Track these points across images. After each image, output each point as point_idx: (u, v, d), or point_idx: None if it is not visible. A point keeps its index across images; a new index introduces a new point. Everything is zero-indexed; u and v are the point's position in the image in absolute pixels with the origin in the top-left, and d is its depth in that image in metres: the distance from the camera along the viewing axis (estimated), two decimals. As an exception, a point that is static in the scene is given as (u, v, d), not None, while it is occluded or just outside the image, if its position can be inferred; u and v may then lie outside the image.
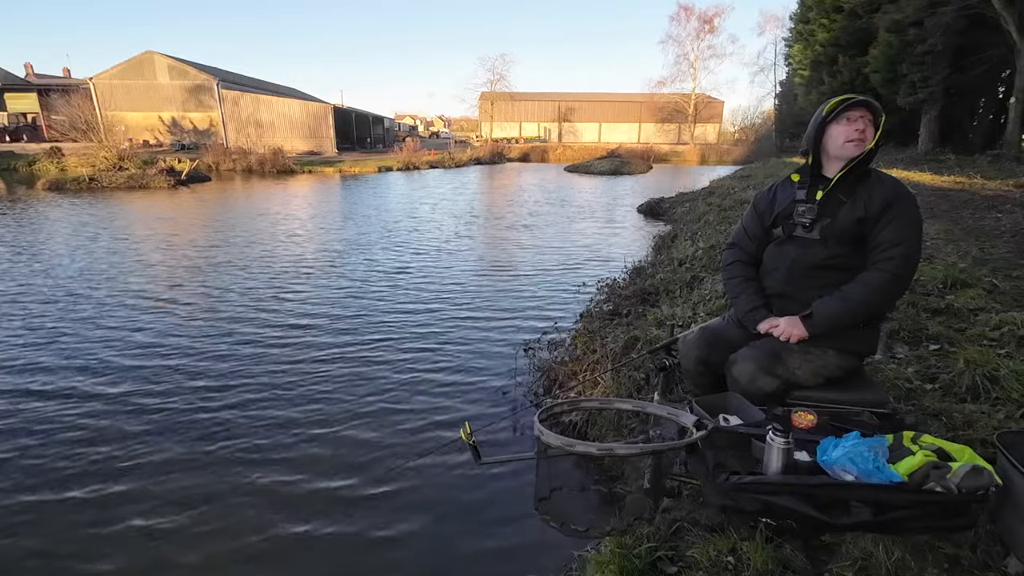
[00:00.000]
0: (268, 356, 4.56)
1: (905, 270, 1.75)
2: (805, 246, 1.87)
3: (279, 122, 33.65)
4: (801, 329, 1.83)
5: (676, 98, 48.70)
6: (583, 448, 1.50)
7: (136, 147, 27.47)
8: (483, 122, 52.97)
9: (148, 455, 3.17)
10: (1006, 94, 16.80)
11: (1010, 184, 9.05)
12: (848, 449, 1.38)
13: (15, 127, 32.75)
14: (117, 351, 4.62)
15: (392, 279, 7.13)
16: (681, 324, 3.27)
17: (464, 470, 2.98)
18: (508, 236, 10.43)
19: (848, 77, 19.28)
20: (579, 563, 2.03)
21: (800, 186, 1.92)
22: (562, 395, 3.47)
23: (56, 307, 5.76)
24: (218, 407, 3.70)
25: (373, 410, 3.70)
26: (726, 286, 2.14)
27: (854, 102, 1.79)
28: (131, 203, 14.72)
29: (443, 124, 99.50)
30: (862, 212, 1.77)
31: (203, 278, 7.03)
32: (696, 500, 1.98)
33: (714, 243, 6.07)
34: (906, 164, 13.73)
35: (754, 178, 14.88)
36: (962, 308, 3.32)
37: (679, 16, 48.19)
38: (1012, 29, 12.59)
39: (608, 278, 5.74)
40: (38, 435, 3.34)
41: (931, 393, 2.41)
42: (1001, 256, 4.77)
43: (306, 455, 3.18)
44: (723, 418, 1.64)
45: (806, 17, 22.16)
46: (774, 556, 1.60)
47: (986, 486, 1.28)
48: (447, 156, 33.44)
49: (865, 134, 1.78)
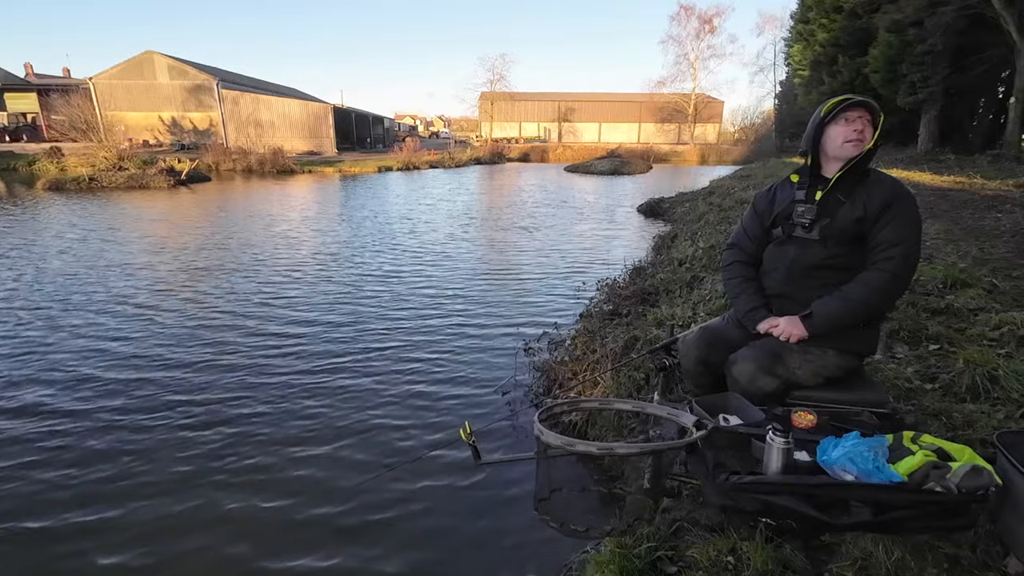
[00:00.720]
0: (267, 356, 4.55)
1: (905, 270, 1.75)
2: (804, 246, 1.88)
3: (279, 122, 33.65)
4: (801, 329, 1.83)
5: (676, 98, 48.72)
6: (583, 448, 1.50)
7: (136, 147, 27.49)
8: (483, 122, 52.97)
9: (136, 472, 3.08)
10: (1006, 94, 16.80)
11: (1010, 184, 9.05)
12: (848, 449, 1.38)
13: (15, 127, 32.75)
14: (95, 363, 4.36)
15: (392, 280, 7.12)
16: (681, 324, 3.27)
17: (464, 470, 2.98)
18: (508, 236, 10.42)
19: (848, 77, 19.28)
20: (579, 563, 2.04)
21: (799, 187, 1.92)
22: (562, 395, 3.47)
23: (37, 313, 5.54)
24: (219, 400, 3.70)
25: (373, 410, 3.69)
26: (726, 286, 2.14)
27: (852, 102, 1.79)
28: (130, 203, 14.71)
29: (443, 124, 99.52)
30: (861, 212, 1.77)
31: (194, 283, 6.98)
32: (696, 500, 1.98)
33: (714, 243, 6.07)
34: (906, 164, 13.73)
35: (754, 178, 14.88)
36: (962, 308, 3.32)
37: (679, 16, 48.42)
38: (1012, 29, 12.60)
39: (608, 278, 5.74)
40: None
41: (931, 393, 2.41)
42: (1001, 256, 4.77)
43: (305, 455, 3.18)
44: (723, 418, 1.64)
45: (806, 17, 22.18)
46: (774, 556, 1.60)
47: (986, 486, 1.28)
48: (447, 156, 33.42)
49: (864, 134, 1.78)
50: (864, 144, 1.78)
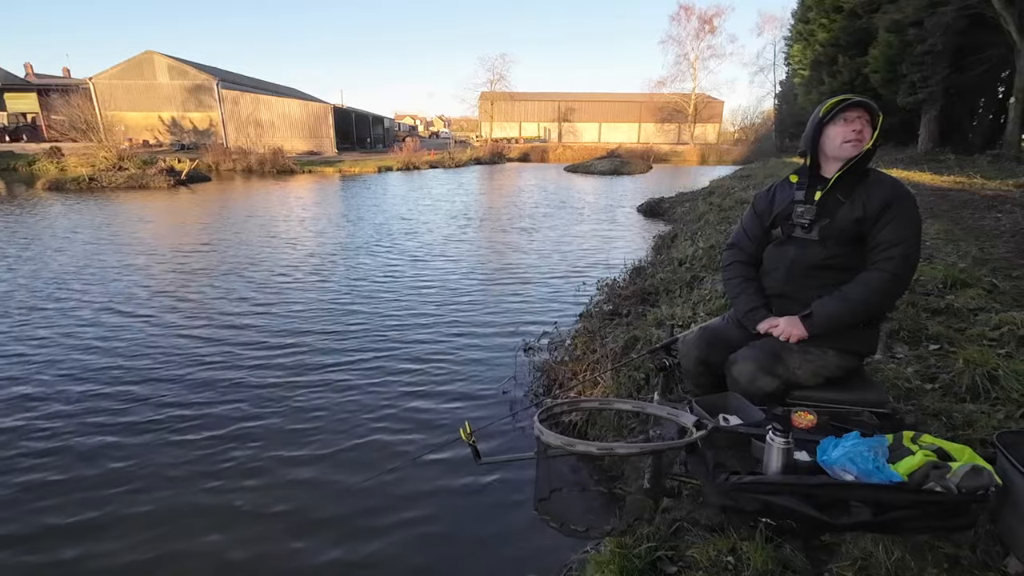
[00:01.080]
0: (266, 357, 4.55)
1: (904, 270, 1.75)
2: (804, 246, 1.88)
3: (279, 122, 33.65)
4: (801, 329, 1.83)
5: (676, 98, 48.72)
6: (583, 447, 1.50)
7: (136, 147, 27.49)
8: (483, 122, 52.97)
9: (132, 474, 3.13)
10: (1006, 94, 16.80)
11: (1010, 184, 9.05)
12: (848, 449, 1.38)
13: (15, 127, 32.76)
14: (93, 363, 4.34)
15: (391, 281, 7.12)
16: (681, 324, 3.27)
17: (464, 470, 2.98)
18: (508, 237, 10.42)
19: (848, 77, 19.29)
20: (579, 563, 2.04)
21: (799, 187, 1.92)
22: (562, 395, 3.47)
23: (36, 313, 5.54)
24: (219, 400, 3.70)
25: (373, 410, 3.69)
26: (726, 286, 2.14)
27: (851, 103, 1.79)
28: (130, 203, 14.71)
29: (443, 124, 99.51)
30: (860, 212, 1.77)
31: (194, 283, 6.99)
32: (696, 500, 1.98)
33: (714, 243, 6.07)
34: (906, 164, 13.73)
35: (754, 178, 14.88)
36: (962, 308, 3.32)
37: (679, 16, 48.34)
38: (1012, 29, 12.60)
39: (608, 278, 5.74)
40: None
41: (931, 393, 2.41)
42: (1001, 256, 4.77)
43: (305, 455, 3.18)
44: (723, 418, 1.64)
45: (806, 17, 22.18)
46: (774, 556, 1.60)
47: (986, 486, 1.28)
48: (447, 156, 33.41)
49: (862, 134, 1.78)
50: (863, 144, 1.78)
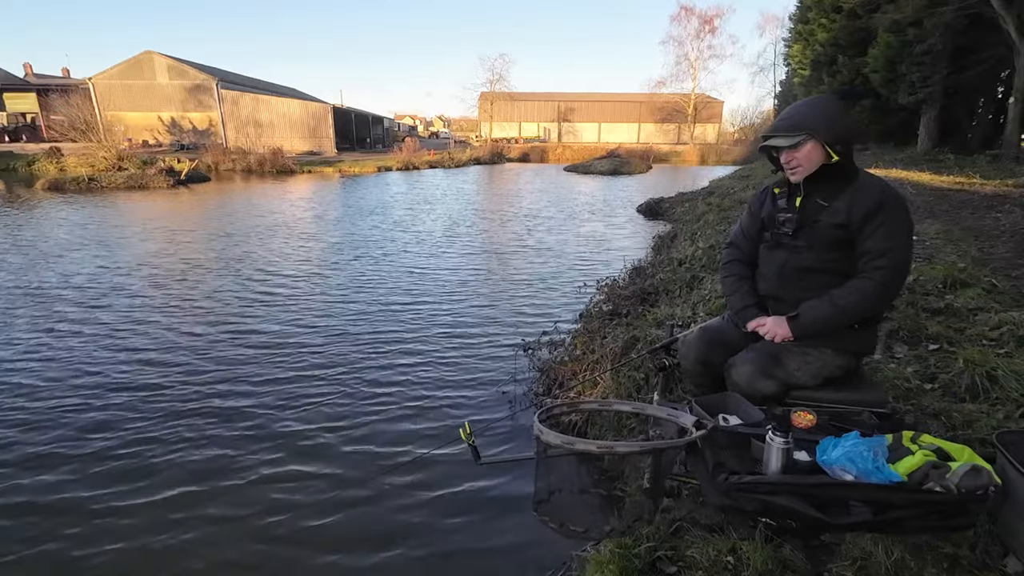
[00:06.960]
0: (266, 357, 4.56)
1: (894, 278, 1.73)
2: (793, 251, 1.88)
3: (279, 122, 33.63)
4: (786, 330, 1.83)
5: (676, 98, 48.70)
6: (583, 446, 1.50)
7: (135, 147, 27.48)
8: (483, 122, 52.92)
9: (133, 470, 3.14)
10: (1005, 94, 16.79)
11: (1009, 184, 9.04)
12: (847, 449, 1.38)
13: (14, 127, 32.72)
14: (92, 363, 4.34)
15: (390, 280, 7.12)
16: (681, 324, 3.26)
17: (464, 470, 2.97)
18: (507, 237, 10.42)
19: (848, 77, 19.26)
20: (578, 563, 2.03)
21: (780, 196, 1.93)
22: (562, 395, 3.47)
23: (34, 314, 5.52)
24: (219, 400, 3.71)
25: (372, 410, 3.70)
26: (723, 284, 2.15)
27: (770, 143, 1.82)
28: (130, 203, 14.71)
29: (443, 124, 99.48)
30: (843, 218, 1.74)
31: (194, 283, 6.98)
32: (696, 500, 1.98)
33: (714, 243, 6.06)
34: (905, 164, 13.72)
35: (754, 178, 14.88)
36: (962, 308, 3.32)
37: (680, 16, 48.34)
38: (1011, 29, 12.59)
39: (608, 278, 5.73)
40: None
41: (930, 393, 2.40)
42: (1001, 256, 4.77)
43: (304, 456, 3.18)
44: (723, 418, 1.64)
45: (805, 17, 22.15)
46: (774, 556, 1.61)
47: (985, 486, 1.28)
48: (446, 156, 33.41)
49: (799, 162, 1.78)
50: (803, 169, 1.78)
